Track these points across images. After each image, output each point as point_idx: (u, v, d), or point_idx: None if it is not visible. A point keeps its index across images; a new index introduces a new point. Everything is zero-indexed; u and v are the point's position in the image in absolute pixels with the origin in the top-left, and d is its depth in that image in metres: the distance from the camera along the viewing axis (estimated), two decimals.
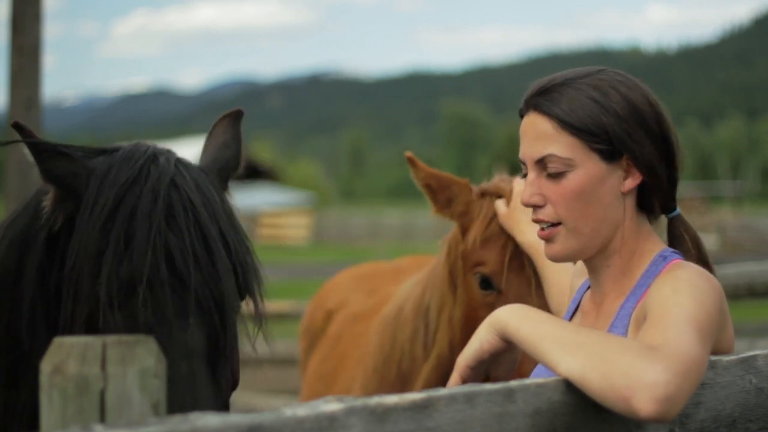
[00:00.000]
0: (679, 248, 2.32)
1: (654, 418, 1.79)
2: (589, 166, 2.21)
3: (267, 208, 51.58)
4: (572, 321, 2.41)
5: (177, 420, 1.35)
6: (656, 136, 2.24)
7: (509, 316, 2.04)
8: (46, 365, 1.45)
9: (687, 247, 2.34)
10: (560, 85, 2.25)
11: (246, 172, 15.28)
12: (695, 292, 2.04)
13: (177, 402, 2.08)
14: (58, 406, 1.43)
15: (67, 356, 1.44)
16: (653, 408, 1.78)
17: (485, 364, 2.10)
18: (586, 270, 2.37)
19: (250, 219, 44.04)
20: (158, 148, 2.38)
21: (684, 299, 2.01)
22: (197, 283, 2.20)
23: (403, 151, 3.77)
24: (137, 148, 2.35)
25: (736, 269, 6.48)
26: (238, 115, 2.67)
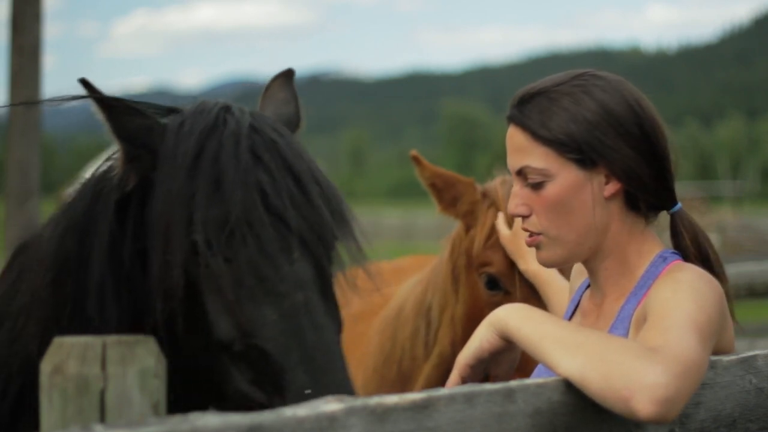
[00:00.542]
0: (679, 244, 2.32)
1: (653, 420, 1.79)
2: (565, 176, 2.21)
3: None
4: (572, 321, 2.41)
5: (177, 420, 1.35)
6: (635, 138, 2.22)
7: (510, 316, 2.04)
8: (46, 365, 1.45)
9: (685, 243, 2.32)
10: (535, 95, 2.25)
11: None
12: (695, 294, 2.04)
13: (299, 333, 2.08)
14: (58, 406, 1.43)
15: (67, 356, 1.44)
16: (652, 409, 1.78)
17: (485, 363, 2.10)
18: (586, 271, 2.37)
19: None
20: (227, 102, 2.35)
21: (684, 301, 2.01)
22: (296, 218, 2.17)
23: (403, 151, 3.79)
24: (206, 103, 2.32)
25: (736, 269, 6.49)
26: (289, 74, 2.66)
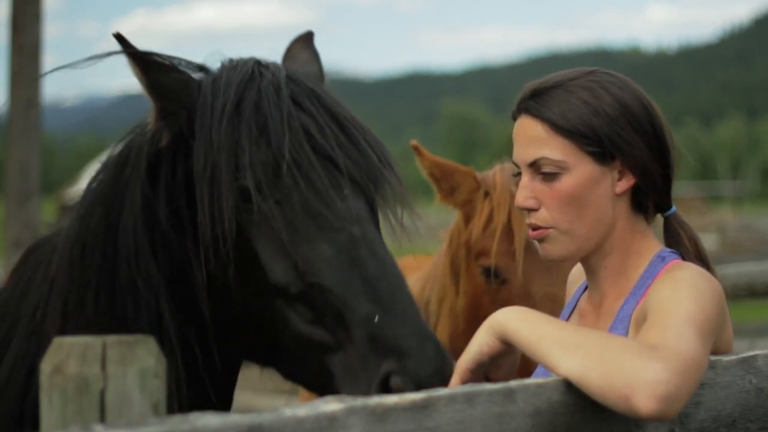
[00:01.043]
0: (677, 246, 2.32)
1: (654, 417, 1.79)
2: (581, 169, 2.21)
3: None
4: (570, 321, 2.40)
5: (177, 420, 1.35)
6: (649, 136, 2.24)
7: (508, 318, 2.03)
8: (46, 365, 1.45)
9: (684, 245, 2.33)
10: (551, 87, 2.25)
11: None
12: (695, 292, 2.04)
13: (359, 264, 2.09)
14: (58, 406, 1.43)
15: (67, 356, 1.44)
16: (653, 406, 1.78)
17: (485, 366, 2.09)
18: (584, 271, 2.37)
19: None
20: (258, 58, 2.35)
21: (683, 299, 2.01)
22: (343, 158, 2.19)
23: (403, 150, 3.77)
24: (238, 59, 2.33)
25: (736, 269, 6.50)
26: (309, 37, 2.68)
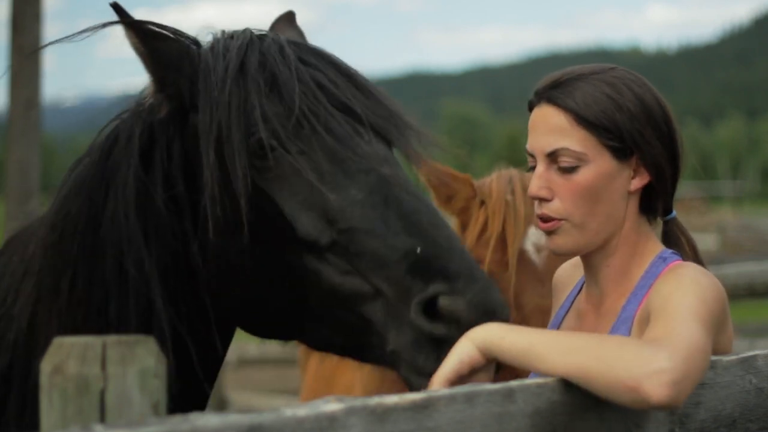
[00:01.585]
0: (677, 249, 2.32)
1: (665, 404, 1.79)
2: (600, 163, 2.20)
3: None
4: (565, 322, 2.39)
5: (177, 420, 1.35)
6: (664, 136, 2.25)
7: (489, 332, 1.92)
8: (46, 365, 1.45)
9: (684, 249, 2.34)
10: (575, 79, 2.24)
11: None
12: (697, 288, 2.05)
13: (392, 202, 2.01)
14: (58, 406, 1.43)
15: (67, 356, 1.44)
16: (664, 393, 1.78)
17: (466, 380, 1.98)
18: (584, 270, 2.36)
19: None
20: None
21: (686, 294, 2.02)
22: (360, 105, 2.14)
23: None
24: (233, 31, 2.27)
25: (736, 269, 6.49)
26: (291, 16, 2.63)
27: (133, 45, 2.17)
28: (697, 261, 2.33)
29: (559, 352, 1.87)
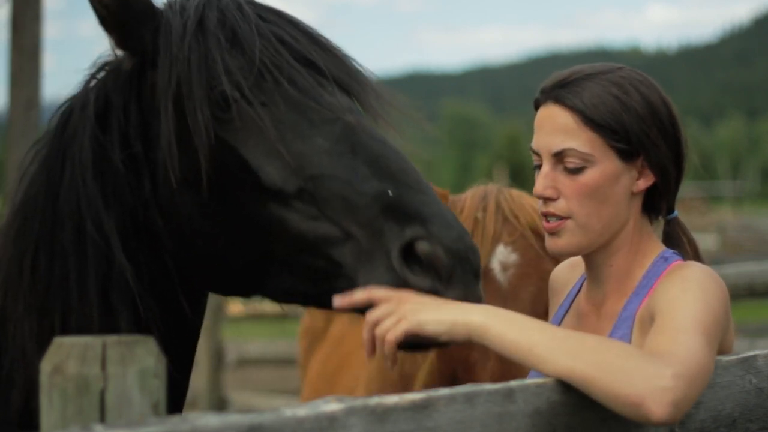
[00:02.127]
0: (678, 250, 2.32)
1: (664, 422, 1.82)
2: (606, 164, 2.20)
3: None
4: (565, 322, 2.39)
5: (177, 420, 1.35)
6: (670, 138, 2.25)
7: (488, 323, 1.89)
8: (46, 365, 1.45)
9: (686, 249, 2.34)
10: (582, 78, 2.24)
11: None
12: (704, 295, 2.04)
13: (361, 148, 2.00)
14: (58, 406, 1.43)
15: (67, 356, 1.44)
16: (665, 412, 1.80)
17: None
18: (585, 270, 2.36)
19: None
20: None
21: (693, 301, 2.02)
22: (322, 60, 2.13)
23: (402, 151, 3.75)
24: None
25: (736, 269, 6.48)
26: None
27: (92, 4, 2.14)
28: (698, 261, 2.33)
29: (561, 355, 1.85)
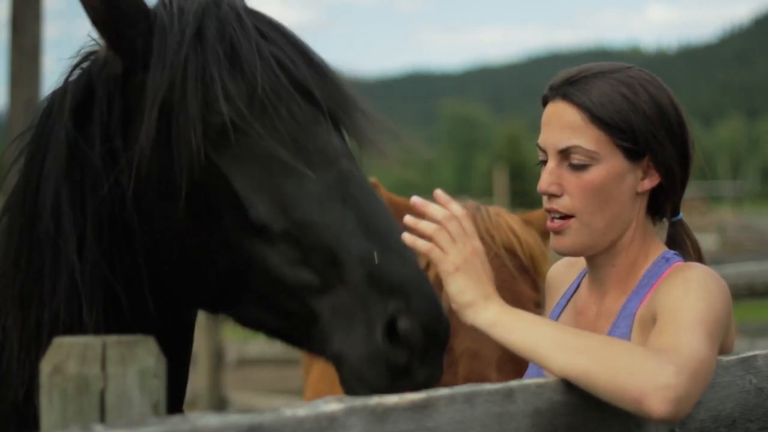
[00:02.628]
0: (681, 251, 2.32)
1: (665, 419, 1.83)
2: (612, 162, 2.20)
3: None
4: (562, 319, 2.39)
5: (177, 420, 1.35)
6: (677, 139, 2.24)
7: (500, 320, 1.98)
8: (46, 365, 1.45)
9: (689, 252, 2.33)
10: (591, 77, 2.23)
11: None
12: (706, 295, 2.05)
13: (351, 200, 2.00)
14: (58, 406, 1.43)
15: (67, 356, 1.44)
16: (667, 408, 1.81)
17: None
18: (588, 268, 2.36)
19: None
20: None
21: (695, 302, 2.03)
22: (319, 89, 2.10)
23: (403, 151, 3.73)
24: None
25: (736, 269, 6.49)
26: None
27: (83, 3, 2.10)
28: (699, 262, 2.32)
29: (565, 351, 1.88)
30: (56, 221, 2.11)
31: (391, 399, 1.58)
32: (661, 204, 2.30)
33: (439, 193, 2.09)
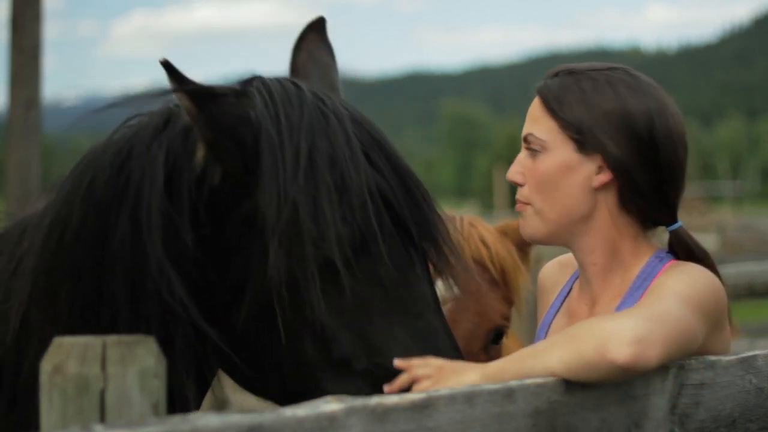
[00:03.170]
0: (689, 259, 2.26)
1: (631, 363, 1.83)
2: (560, 153, 2.23)
3: None
4: (556, 322, 2.39)
5: (177, 420, 1.35)
6: (642, 142, 2.20)
7: (492, 373, 1.93)
8: (46, 365, 1.45)
9: (695, 258, 2.26)
10: (565, 73, 2.28)
11: None
12: (689, 279, 2.09)
13: (430, 352, 1.99)
14: (58, 406, 1.43)
15: (67, 356, 1.44)
16: (627, 351, 1.83)
17: None
18: (558, 274, 2.43)
19: None
20: (298, 82, 2.18)
21: (676, 282, 2.08)
22: (414, 224, 2.11)
23: (403, 151, 3.73)
24: (283, 85, 2.13)
25: (736, 269, 6.50)
26: (321, 25, 2.52)
27: (186, 109, 2.04)
28: (707, 266, 2.25)
29: (543, 359, 1.89)
30: (139, 286, 2.04)
31: (392, 399, 1.58)
32: (643, 208, 2.24)
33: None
